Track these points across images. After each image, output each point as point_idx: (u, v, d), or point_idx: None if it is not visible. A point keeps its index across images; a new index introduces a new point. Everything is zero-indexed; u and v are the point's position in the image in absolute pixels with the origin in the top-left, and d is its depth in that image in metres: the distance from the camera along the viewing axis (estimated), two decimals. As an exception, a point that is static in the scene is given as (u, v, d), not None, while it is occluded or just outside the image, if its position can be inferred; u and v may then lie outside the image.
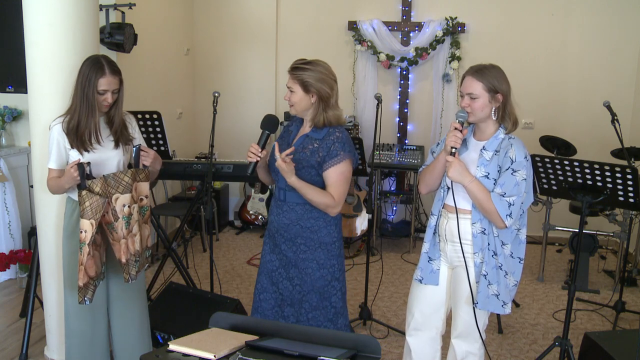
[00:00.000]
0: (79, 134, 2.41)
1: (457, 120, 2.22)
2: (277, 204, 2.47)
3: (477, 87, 2.20)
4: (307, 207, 2.40)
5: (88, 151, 2.44)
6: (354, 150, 2.41)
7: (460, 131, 2.20)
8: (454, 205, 2.25)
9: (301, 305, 2.44)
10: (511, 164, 2.19)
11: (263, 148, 2.38)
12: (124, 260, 2.40)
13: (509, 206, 2.17)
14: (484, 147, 2.26)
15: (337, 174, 2.35)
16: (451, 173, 2.20)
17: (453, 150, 2.20)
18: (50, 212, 2.89)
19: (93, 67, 2.38)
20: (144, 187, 2.48)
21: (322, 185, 2.39)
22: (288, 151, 2.29)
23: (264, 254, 2.55)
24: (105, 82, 2.38)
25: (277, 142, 2.44)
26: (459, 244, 2.27)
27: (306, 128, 2.46)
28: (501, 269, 2.26)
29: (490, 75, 2.21)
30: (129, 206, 2.39)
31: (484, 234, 2.25)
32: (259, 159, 2.35)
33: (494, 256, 2.25)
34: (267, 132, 2.43)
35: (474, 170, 2.25)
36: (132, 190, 2.40)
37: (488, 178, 2.23)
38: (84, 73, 2.39)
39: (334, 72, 2.40)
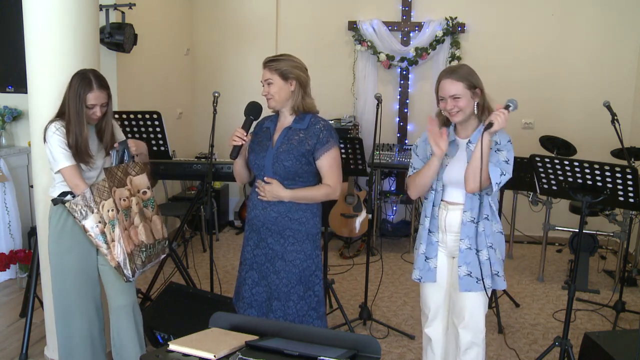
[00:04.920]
0: (80, 149, 2.45)
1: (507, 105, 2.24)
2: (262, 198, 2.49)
3: (458, 87, 2.27)
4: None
5: (89, 165, 2.49)
6: (338, 137, 2.53)
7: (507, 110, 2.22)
8: (453, 200, 2.37)
9: (288, 297, 2.47)
10: (495, 145, 2.29)
11: (247, 133, 2.44)
12: (127, 251, 2.42)
13: (500, 175, 2.25)
14: (469, 140, 2.35)
15: (331, 160, 2.45)
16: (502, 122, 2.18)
17: (510, 107, 2.23)
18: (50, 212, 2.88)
19: (82, 83, 2.43)
20: (141, 180, 2.50)
21: (314, 173, 2.48)
22: (267, 180, 2.41)
23: (247, 250, 2.57)
24: (93, 97, 2.44)
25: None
26: (458, 235, 2.37)
27: (286, 121, 2.49)
28: (492, 247, 2.36)
29: (466, 73, 2.29)
30: (125, 199, 2.44)
31: (473, 222, 2.34)
32: (244, 142, 2.41)
33: (486, 238, 2.35)
34: (251, 117, 2.49)
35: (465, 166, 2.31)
36: (127, 184, 2.45)
37: None
38: (73, 89, 2.44)
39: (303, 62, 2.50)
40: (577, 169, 2.81)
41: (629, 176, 2.77)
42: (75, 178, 2.44)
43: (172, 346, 1.48)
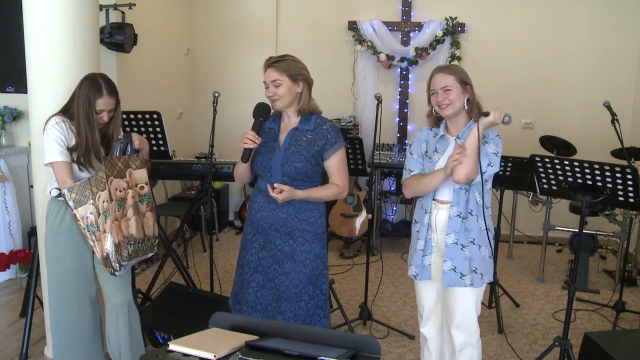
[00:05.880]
0: (88, 152, 2.44)
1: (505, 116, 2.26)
2: (270, 199, 2.45)
3: (449, 79, 2.34)
4: (303, 200, 2.46)
5: (93, 168, 2.48)
6: (343, 138, 2.56)
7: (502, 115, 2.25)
8: (442, 199, 2.41)
9: (299, 298, 2.45)
10: (483, 138, 2.32)
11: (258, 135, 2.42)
12: (115, 242, 2.38)
13: (487, 165, 2.30)
14: (457, 136, 2.38)
15: (338, 161, 2.48)
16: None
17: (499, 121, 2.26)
18: (50, 212, 2.88)
19: (92, 88, 2.42)
20: (140, 174, 2.48)
21: (321, 174, 2.49)
22: (279, 188, 2.36)
23: (252, 252, 2.54)
24: (102, 103, 2.43)
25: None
26: (445, 233, 2.40)
27: (291, 122, 2.49)
28: (474, 243, 2.38)
29: (457, 69, 2.38)
30: (121, 190, 2.41)
31: (459, 217, 2.36)
32: (255, 145, 2.38)
33: (468, 233, 2.37)
34: (261, 119, 2.46)
35: None
36: (126, 176, 2.43)
37: None
38: (83, 92, 2.42)
39: None
40: (577, 169, 2.81)
41: (629, 176, 2.77)
42: (64, 175, 2.42)
43: (172, 346, 1.48)
